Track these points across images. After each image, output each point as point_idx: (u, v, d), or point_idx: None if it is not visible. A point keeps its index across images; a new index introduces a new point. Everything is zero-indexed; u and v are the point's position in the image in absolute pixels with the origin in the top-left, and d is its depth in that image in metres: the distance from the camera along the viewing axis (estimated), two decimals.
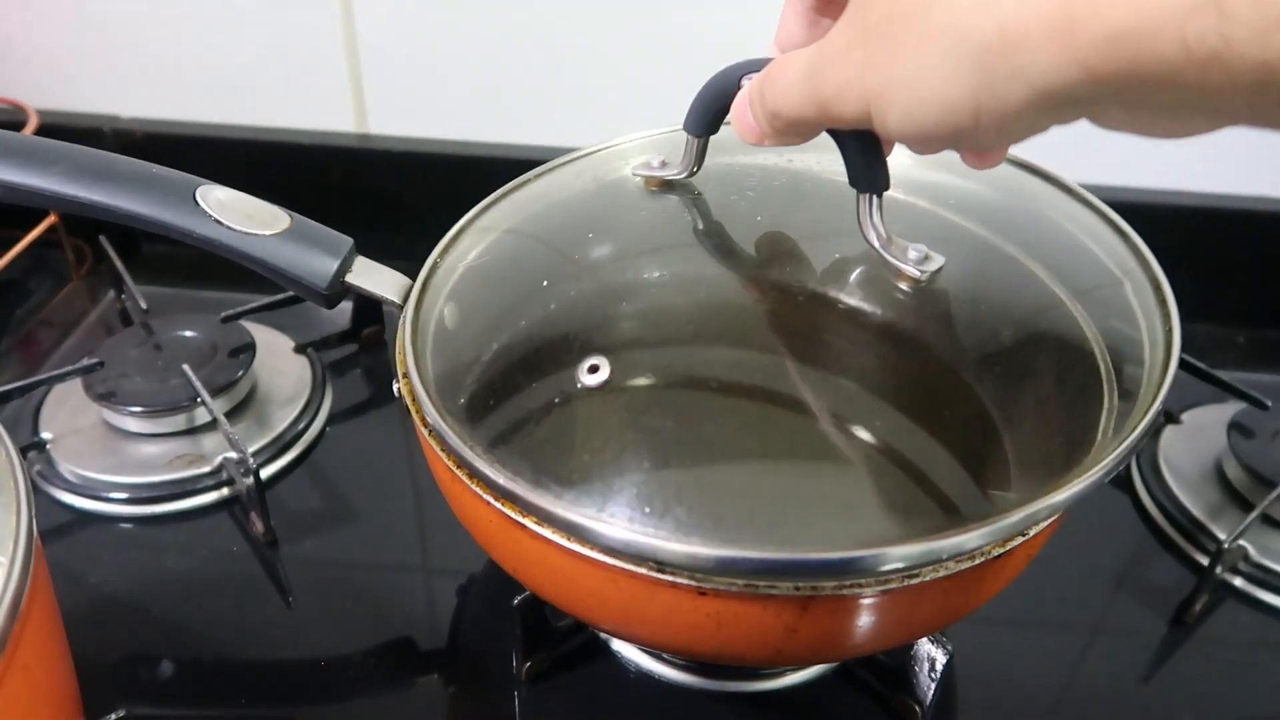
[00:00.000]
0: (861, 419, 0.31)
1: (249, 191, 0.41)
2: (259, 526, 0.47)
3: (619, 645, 0.43)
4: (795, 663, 0.35)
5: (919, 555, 0.28)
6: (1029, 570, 0.45)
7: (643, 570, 0.29)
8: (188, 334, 0.54)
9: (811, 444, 0.31)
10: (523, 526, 0.31)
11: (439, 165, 0.66)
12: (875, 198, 0.33)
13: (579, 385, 0.32)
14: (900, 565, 0.29)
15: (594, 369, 0.32)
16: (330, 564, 0.47)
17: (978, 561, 0.29)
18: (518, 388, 0.33)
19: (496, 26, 0.63)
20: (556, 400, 0.33)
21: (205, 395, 0.48)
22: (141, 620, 0.44)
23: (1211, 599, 0.47)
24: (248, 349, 0.53)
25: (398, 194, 0.68)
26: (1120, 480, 0.53)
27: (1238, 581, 0.47)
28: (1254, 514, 0.46)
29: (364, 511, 0.50)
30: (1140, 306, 0.35)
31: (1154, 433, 0.54)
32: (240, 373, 0.52)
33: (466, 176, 0.59)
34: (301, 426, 0.52)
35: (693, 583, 0.29)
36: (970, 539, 0.29)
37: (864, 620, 0.31)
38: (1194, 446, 0.53)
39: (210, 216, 0.38)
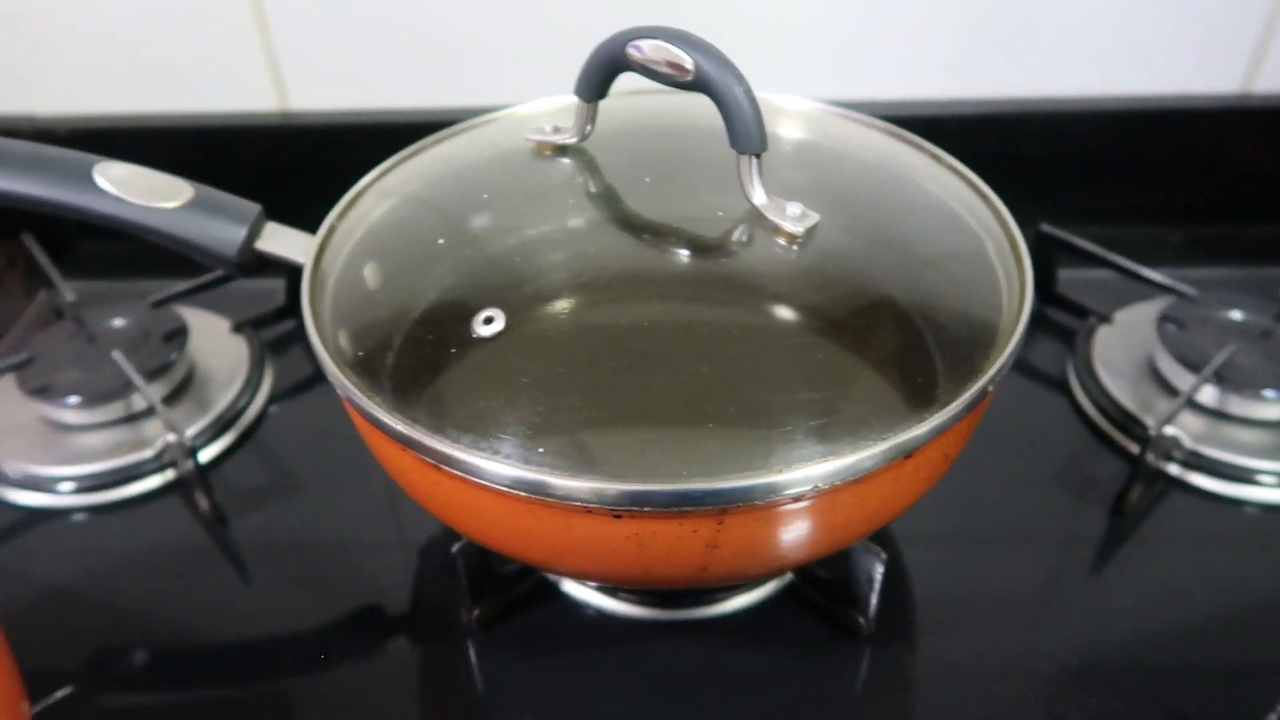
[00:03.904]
0: (743, 355, 0.32)
1: None
2: (205, 505, 0.47)
3: (570, 586, 0.43)
4: (726, 579, 0.35)
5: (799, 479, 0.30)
6: (973, 476, 0.46)
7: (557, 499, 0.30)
8: (118, 323, 0.54)
9: (703, 377, 0.32)
10: (437, 468, 0.31)
11: (364, 134, 0.66)
12: (754, 158, 0.35)
13: (475, 336, 0.33)
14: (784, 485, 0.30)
15: (489, 320, 0.33)
16: (285, 538, 0.47)
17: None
18: (418, 341, 0.34)
19: None
20: (454, 351, 0.33)
21: (137, 379, 0.48)
22: (97, 608, 0.44)
23: (1149, 489, 0.47)
24: (180, 332, 0.53)
25: (326, 167, 0.66)
26: (1057, 383, 0.54)
27: (1173, 470, 0.48)
28: (1181, 399, 0.47)
29: (315, 484, 0.50)
30: (1001, 264, 0.37)
31: (1087, 334, 0.55)
32: (174, 355, 0.51)
33: (393, 143, 0.59)
34: (242, 404, 0.52)
35: (607, 507, 0.29)
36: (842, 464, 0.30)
37: (783, 529, 0.31)
38: (1127, 344, 0.53)
39: (109, 193, 0.38)
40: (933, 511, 0.41)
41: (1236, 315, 0.52)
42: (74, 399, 0.49)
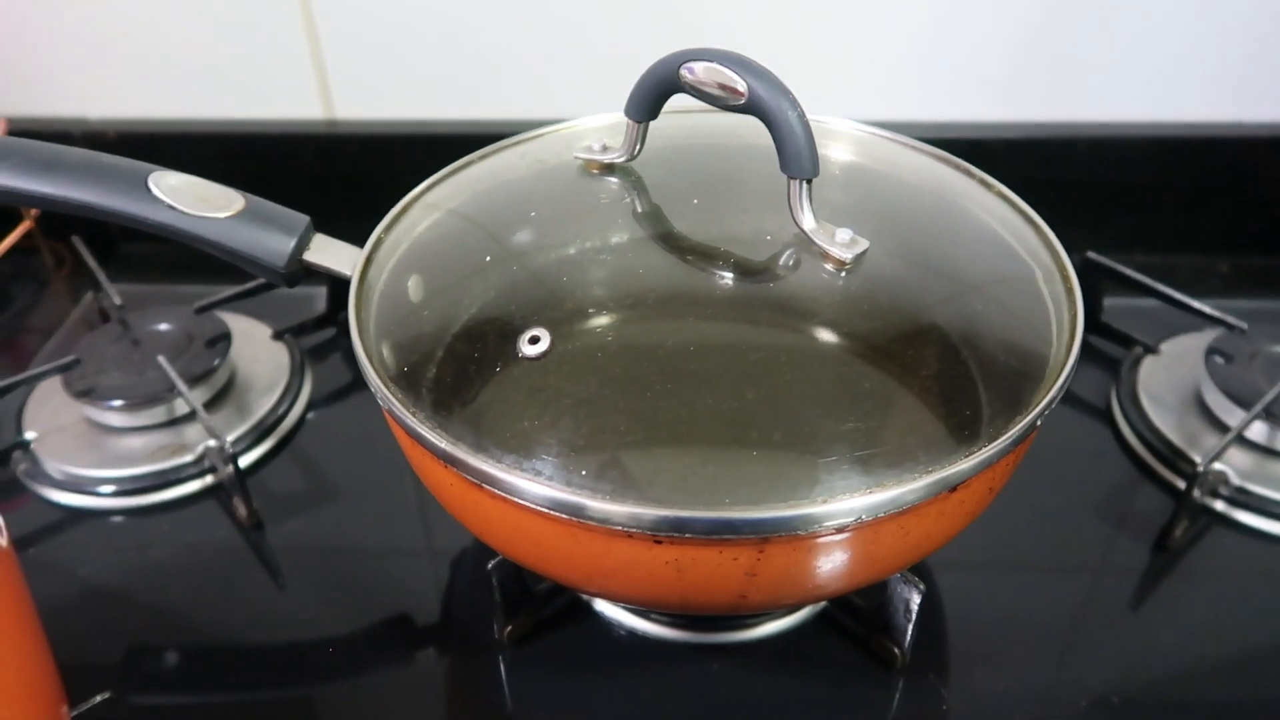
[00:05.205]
0: (788, 381, 0.32)
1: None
2: (243, 511, 0.47)
3: (602, 605, 0.43)
4: (763, 607, 0.35)
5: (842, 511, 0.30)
6: (1013, 506, 0.45)
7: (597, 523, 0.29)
8: (163, 327, 0.54)
9: (748, 403, 0.31)
10: (477, 487, 0.31)
11: (408, 145, 0.66)
12: (805, 183, 0.35)
13: (520, 355, 0.33)
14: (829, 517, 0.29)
15: (534, 340, 0.33)
16: (320, 545, 0.47)
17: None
18: (461, 357, 0.34)
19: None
20: (499, 369, 0.33)
21: (181, 385, 0.49)
22: (134, 609, 0.45)
23: (1194, 524, 0.47)
24: (223, 338, 0.54)
25: (369, 177, 0.67)
26: (1100, 413, 0.53)
27: (1219, 505, 0.47)
28: (1230, 436, 0.46)
29: (351, 492, 0.50)
30: (1049, 294, 0.37)
31: (1133, 365, 0.54)
32: (217, 361, 0.52)
33: (436, 155, 0.59)
34: (282, 411, 0.53)
35: (648, 532, 0.29)
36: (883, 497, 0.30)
37: (823, 559, 0.31)
38: (1174, 376, 0.53)
39: (163, 202, 0.38)
40: (971, 540, 0.40)
41: None
42: (118, 402, 0.50)
